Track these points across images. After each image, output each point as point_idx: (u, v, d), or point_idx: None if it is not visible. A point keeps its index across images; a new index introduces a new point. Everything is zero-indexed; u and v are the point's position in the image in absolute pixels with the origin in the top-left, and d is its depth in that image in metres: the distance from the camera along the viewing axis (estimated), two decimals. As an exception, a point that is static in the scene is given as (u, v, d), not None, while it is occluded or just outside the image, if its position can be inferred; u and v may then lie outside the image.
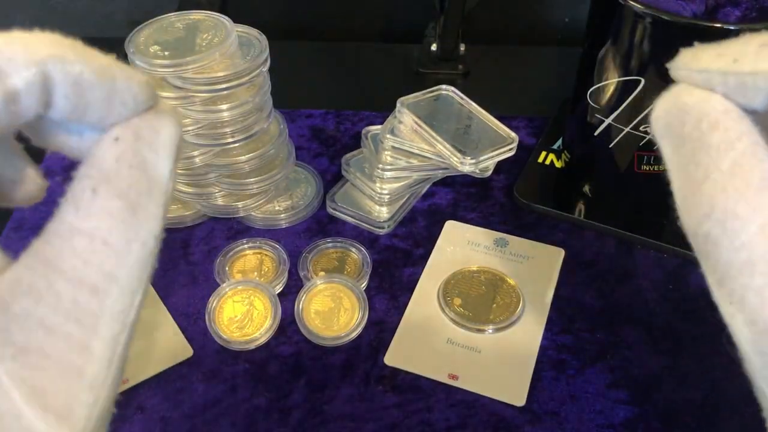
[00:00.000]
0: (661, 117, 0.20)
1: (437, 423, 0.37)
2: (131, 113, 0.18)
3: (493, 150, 0.44)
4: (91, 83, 0.17)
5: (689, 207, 0.18)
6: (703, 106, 0.18)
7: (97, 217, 0.16)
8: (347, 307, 0.42)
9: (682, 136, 0.19)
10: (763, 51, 0.18)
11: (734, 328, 0.18)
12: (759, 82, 0.18)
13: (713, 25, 0.37)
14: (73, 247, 0.16)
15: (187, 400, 0.38)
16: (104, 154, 0.17)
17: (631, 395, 0.38)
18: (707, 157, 0.18)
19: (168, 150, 0.18)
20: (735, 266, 0.17)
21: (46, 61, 0.16)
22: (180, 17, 0.42)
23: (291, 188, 0.50)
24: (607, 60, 0.42)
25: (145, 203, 0.17)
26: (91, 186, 0.17)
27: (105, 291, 0.16)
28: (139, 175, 0.17)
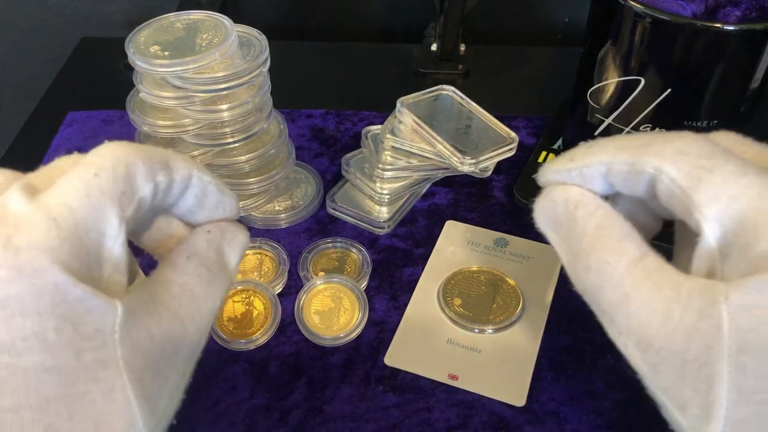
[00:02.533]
0: (539, 213, 0.26)
1: (437, 423, 0.37)
2: (227, 218, 0.26)
3: (493, 150, 0.44)
4: (212, 192, 0.25)
5: (575, 269, 0.24)
6: (565, 194, 0.25)
7: (188, 275, 0.23)
8: (347, 307, 0.42)
9: (557, 220, 0.25)
10: (588, 149, 0.25)
11: (628, 354, 0.23)
12: (591, 171, 0.24)
13: (713, 25, 0.37)
14: (171, 291, 0.23)
15: (187, 400, 0.38)
16: (198, 238, 0.25)
17: (630, 395, 0.38)
18: (578, 228, 0.24)
19: (239, 249, 0.26)
20: (615, 302, 0.22)
21: (193, 168, 0.24)
22: (180, 17, 0.42)
23: (291, 188, 0.50)
24: (607, 60, 0.42)
25: (219, 276, 0.24)
26: (186, 255, 0.24)
27: (187, 325, 0.22)
28: (219, 257, 0.24)
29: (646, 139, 0.23)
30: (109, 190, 0.21)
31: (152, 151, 0.23)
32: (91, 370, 0.19)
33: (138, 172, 0.22)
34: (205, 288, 0.23)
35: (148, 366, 0.21)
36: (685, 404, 0.21)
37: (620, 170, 0.24)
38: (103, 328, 0.20)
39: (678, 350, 0.20)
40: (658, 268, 0.22)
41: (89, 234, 0.20)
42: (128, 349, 0.20)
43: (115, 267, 0.21)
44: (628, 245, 0.22)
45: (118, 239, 0.21)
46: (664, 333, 0.21)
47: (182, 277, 0.23)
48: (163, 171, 0.22)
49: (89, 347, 0.19)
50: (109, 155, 0.21)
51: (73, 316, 0.19)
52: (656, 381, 0.22)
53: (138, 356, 0.20)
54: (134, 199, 0.21)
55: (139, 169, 0.22)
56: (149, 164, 0.22)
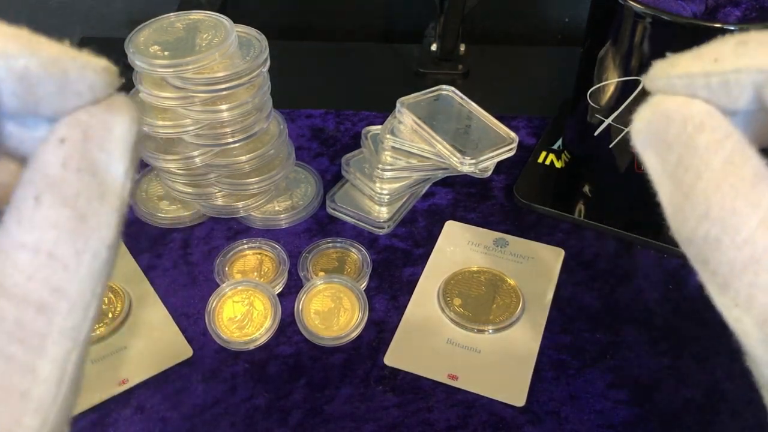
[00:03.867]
0: (642, 128, 0.19)
1: (437, 423, 0.37)
2: (89, 103, 0.16)
3: (493, 150, 0.44)
4: (39, 77, 0.15)
5: (683, 212, 0.18)
6: (686, 110, 0.18)
7: (41, 228, 0.15)
8: (347, 307, 0.42)
9: (667, 142, 0.18)
10: (740, 48, 0.18)
11: (742, 332, 0.17)
12: (743, 79, 0.18)
13: (713, 25, 0.37)
14: (16, 262, 0.15)
15: (187, 400, 0.38)
16: (49, 158, 0.15)
17: (631, 395, 0.38)
18: (697, 159, 0.18)
19: (121, 149, 0.16)
20: (738, 265, 0.17)
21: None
22: (180, 17, 0.42)
23: (291, 188, 0.50)
24: (607, 60, 0.42)
25: (95, 210, 0.16)
26: (34, 194, 0.15)
27: (53, 308, 0.15)
28: (89, 179, 0.16)
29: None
30: None
31: None
32: None
33: None
34: (73, 239, 0.15)
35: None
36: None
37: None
38: None
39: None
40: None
41: None
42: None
43: None
44: (766, 193, 0.17)
45: None
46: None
47: (31, 233, 0.15)
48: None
49: None
50: None
51: None
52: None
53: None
54: None
55: None
56: None
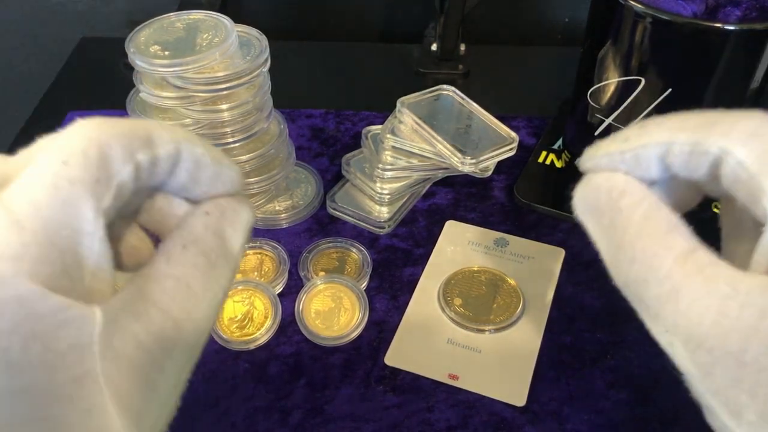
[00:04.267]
0: (579, 201, 0.24)
1: (437, 423, 0.37)
2: (229, 191, 0.22)
3: (493, 150, 0.44)
4: (207, 164, 0.21)
5: (617, 261, 0.22)
6: (610, 182, 0.23)
7: (184, 266, 0.20)
8: (347, 307, 0.42)
9: (599, 208, 0.23)
10: (642, 129, 0.23)
11: (674, 353, 0.21)
12: (648, 151, 0.22)
13: (713, 25, 0.37)
14: (164, 286, 0.20)
15: (187, 400, 0.38)
16: (195, 222, 0.21)
17: (631, 395, 0.38)
18: (622, 218, 0.22)
19: (243, 229, 0.22)
20: (662, 297, 0.20)
21: (181, 141, 0.21)
22: (180, 17, 0.42)
23: (291, 188, 0.50)
24: (607, 60, 0.42)
25: (221, 264, 0.21)
26: (182, 243, 0.21)
27: (183, 325, 0.20)
28: (220, 242, 0.22)
29: (710, 118, 0.21)
30: (80, 179, 0.18)
31: (131, 125, 0.20)
32: (65, 389, 0.17)
33: (114, 154, 0.19)
34: (204, 280, 0.21)
35: (133, 377, 0.18)
36: (739, 409, 0.19)
37: (681, 151, 0.22)
38: (78, 342, 0.17)
39: (733, 351, 0.19)
40: (711, 262, 0.20)
41: (61, 233, 0.18)
42: (110, 361, 0.18)
43: (97, 266, 0.19)
44: (677, 237, 0.21)
45: (95, 235, 0.18)
46: (717, 332, 0.19)
47: (177, 269, 0.20)
48: (144, 148, 0.20)
49: (63, 365, 0.17)
50: (79, 137, 0.19)
51: (43, 332, 0.17)
52: (706, 383, 0.20)
53: (122, 367, 0.18)
54: (111, 185, 0.19)
55: (114, 150, 0.19)
56: (126, 142, 0.19)
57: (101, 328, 0.18)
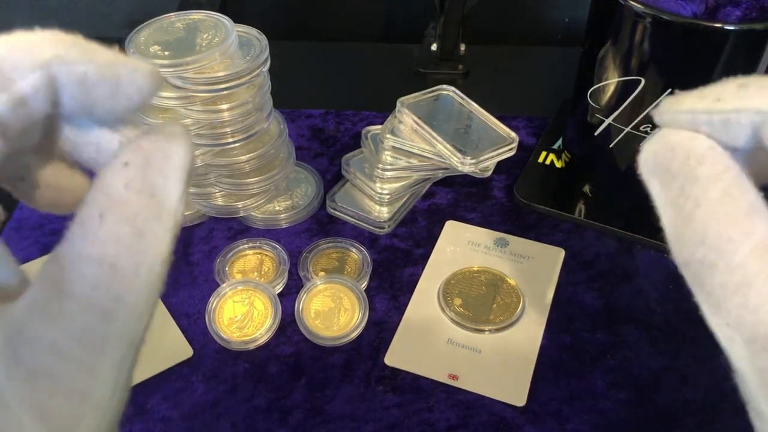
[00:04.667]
0: (649, 158, 0.21)
1: (437, 423, 0.37)
2: (138, 105, 0.18)
3: (493, 150, 0.44)
4: (96, 81, 0.17)
5: (682, 237, 0.19)
6: (689, 144, 0.20)
7: (104, 242, 0.17)
8: (347, 307, 0.42)
9: (670, 172, 0.20)
10: (742, 90, 0.20)
11: (732, 351, 0.19)
12: (742, 119, 0.19)
13: (713, 25, 0.37)
14: (82, 272, 0.16)
15: (187, 400, 0.38)
16: (112, 180, 0.17)
17: (631, 395, 0.38)
18: (697, 189, 0.19)
19: (178, 175, 0.18)
20: (730, 288, 0.18)
21: (51, 64, 0.16)
22: (180, 17, 0.42)
23: (291, 188, 0.50)
24: (607, 60, 0.42)
25: (152, 228, 0.17)
26: (98, 211, 0.17)
27: (113, 315, 0.17)
28: (148, 200, 0.17)
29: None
30: None
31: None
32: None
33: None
34: (133, 254, 0.17)
35: (56, 391, 0.16)
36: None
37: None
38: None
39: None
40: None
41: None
42: (22, 381, 0.15)
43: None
44: (758, 223, 0.18)
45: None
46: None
47: (95, 246, 0.16)
48: (1, 92, 0.16)
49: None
50: None
51: None
52: (764, 390, 0.18)
53: (39, 384, 0.15)
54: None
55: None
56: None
57: (2, 346, 0.15)
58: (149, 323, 0.18)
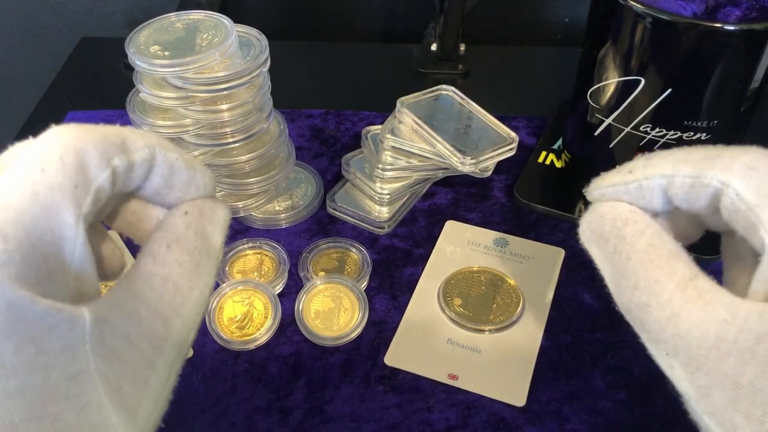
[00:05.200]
0: (585, 228, 0.25)
1: (437, 423, 0.37)
2: (202, 195, 0.23)
3: (493, 150, 0.44)
4: (181, 169, 0.22)
5: (621, 287, 0.23)
6: (614, 210, 0.24)
7: (171, 265, 0.21)
8: (347, 307, 0.42)
9: (603, 236, 0.24)
10: (647, 161, 0.24)
11: (674, 376, 0.22)
12: (651, 183, 0.23)
13: (713, 25, 0.37)
14: (152, 285, 0.21)
15: (187, 400, 0.38)
16: (176, 222, 0.22)
17: (631, 395, 0.38)
18: (626, 245, 0.23)
19: (222, 227, 0.23)
20: (663, 321, 0.21)
21: (155, 147, 0.21)
22: (180, 17, 0.42)
23: (291, 188, 0.50)
24: (607, 60, 0.42)
25: (204, 262, 0.22)
26: (166, 243, 0.22)
27: (172, 323, 0.21)
28: (202, 240, 0.22)
29: (711, 152, 0.22)
30: (59, 185, 0.19)
31: (106, 131, 0.20)
32: (60, 388, 0.18)
33: (90, 160, 0.19)
34: (190, 278, 0.21)
35: (126, 373, 0.19)
36: (735, 430, 0.20)
37: (683, 183, 0.23)
38: (70, 343, 0.18)
39: (730, 374, 0.20)
40: (711, 289, 0.21)
41: (43, 239, 0.18)
42: (102, 359, 0.18)
43: (80, 269, 0.19)
44: (679, 265, 0.22)
45: (77, 240, 0.19)
46: (715, 355, 0.20)
47: (163, 268, 0.21)
48: (120, 154, 0.20)
49: (56, 365, 0.17)
50: (55, 143, 0.19)
51: (35, 335, 0.17)
52: (703, 404, 0.21)
53: (114, 364, 0.19)
54: (90, 190, 0.19)
55: (91, 155, 0.19)
56: (103, 148, 0.20)
57: (91, 328, 0.18)
58: (194, 337, 0.22)
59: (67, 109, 0.59)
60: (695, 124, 0.41)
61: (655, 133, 0.42)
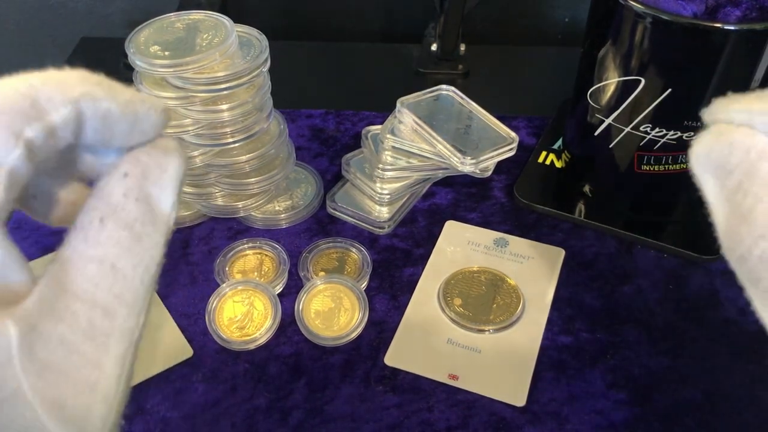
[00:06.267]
0: (702, 152, 0.20)
1: (437, 423, 0.37)
2: (150, 138, 0.20)
3: (493, 150, 0.44)
4: (117, 117, 0.19)
5: (739, 233, 0.19)
6: (749, 140, 0.19)
7: (105, 244, 0.18)
8: (347, 307, 0.42)
9: (727, 167, 0.19)
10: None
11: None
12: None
13: (713, 25, 0.37)
14: (85, 272, 0.18)
15: (187, 400, 0.38)
16: (112, 189, 0.19)
17: (631, 395, 0.38)
18: (757, 184, 0.19)
19: (172, 185, 0.20)
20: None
21: (79, 99, 0.18)
22: (180, 17, 0.42)
23: (291, 188, 0.50)
24: (607, 60, 0.42)
25: (149, 233, 0.19)
26: (99, 217, 0.18)
27: (115, 311, 0.18)
28: (144, 207, 0.19)
29: None
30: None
31: (12, 96, 0.17)
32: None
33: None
34: (131, 257, 0.18)
35: (67, 384, 0.17)
36: None
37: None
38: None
39: None
40: None
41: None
42: (36, 375, 0.16)
43: (2, 263, 0.17)
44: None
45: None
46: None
47: (97, 249, 0.18)
48: (32, 121, 0.17)
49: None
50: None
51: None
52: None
53: (51, 377, 0.17)
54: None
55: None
56: (7, 121, 0.17)
57: (18, 343, 0.16)
58: (146, 321, 0.19)
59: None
60: (695, 124, 0.41)
61: (655, 133, 0.42)
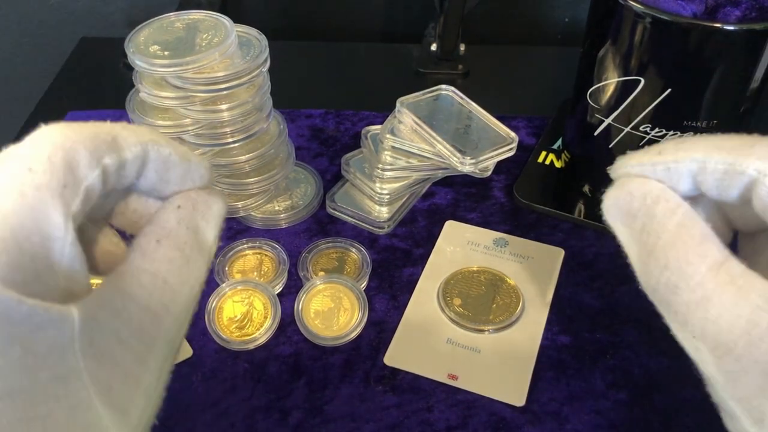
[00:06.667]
0: (610, 203, 0.24)
1: (437, 423, 0.37)
2: (198, 186, 0.23)
3: (493, 150, 0.44)
4: (175, 163, 0.22)
5: (648, 267, 0.22)
6: (644, 187, 0.23)
7: (160, 261, 0.21)
8: (347, 307, 0.42)
9: (631, 213, 0.23)
10: (679, 144, 0.23)
11: (699, 359, 0.22)
12: (680, 167, 0.22)
13: (713, 25, 0.37)
14: (141, 281, 0.20)
15: (187, 400, 0.38)
16: (168, 216, 0.22)
17: (631, 395, 0.38)
18: (656, 224, 0.22)
19: (216, 221, 0.23)
20: (693, 304, 0.21)
21: (148, 143, 0.21)
22: (180, 17, 0.42)
23: (291, 188, 0.50)
24: (607, 60, 0.42)
25: (195, 257, 0.22)
26: (155, 239, 0.21)
27: (162, 319, 0.20)
28: (194, 236, 0.22)
29: (747, 141, 0.22)
30: (46, 185, 0.18)
31: (96, 129, 0.20)
32: (50, 388, 0.17)
33: (80, 159, 0.19)
34: (180, 274, 0.21)
35: (116, 371, 0.19)
36: (762, 417, 0.20)
37: (715, 169, 0.22)
38: (59, 343, 0.17)
39: (762, 360, 0.19)
40: (743, 273, 0.21)
41: (31, 240, 0.18)
42: (92, 358, 0.18)
43: (70, 269, 0.19)
44: (711, 247, 0.21)
45: (66, 239, 0.19)
46: (746, 340, 0.20)
47: (153, 264, 0.21)
48: (110, 152, 0.20)
49: (45, 365, 0.17)
50: (43, 143, 0.19)
51: (22, 336, 0.17)
52: (730, 389, 0.21)
53: (104, 363, 0.18)
54: (79, 190, 0.19)
55: (80, 154, 0.19)
56: (92, 147, 0.19)
57: (80, 327, 0.18)
58: (185, 333, 0.22)
59: (67, 109, 0.59)
60: (695, 124, 0.41)
61: (654, 133, 0.42)
